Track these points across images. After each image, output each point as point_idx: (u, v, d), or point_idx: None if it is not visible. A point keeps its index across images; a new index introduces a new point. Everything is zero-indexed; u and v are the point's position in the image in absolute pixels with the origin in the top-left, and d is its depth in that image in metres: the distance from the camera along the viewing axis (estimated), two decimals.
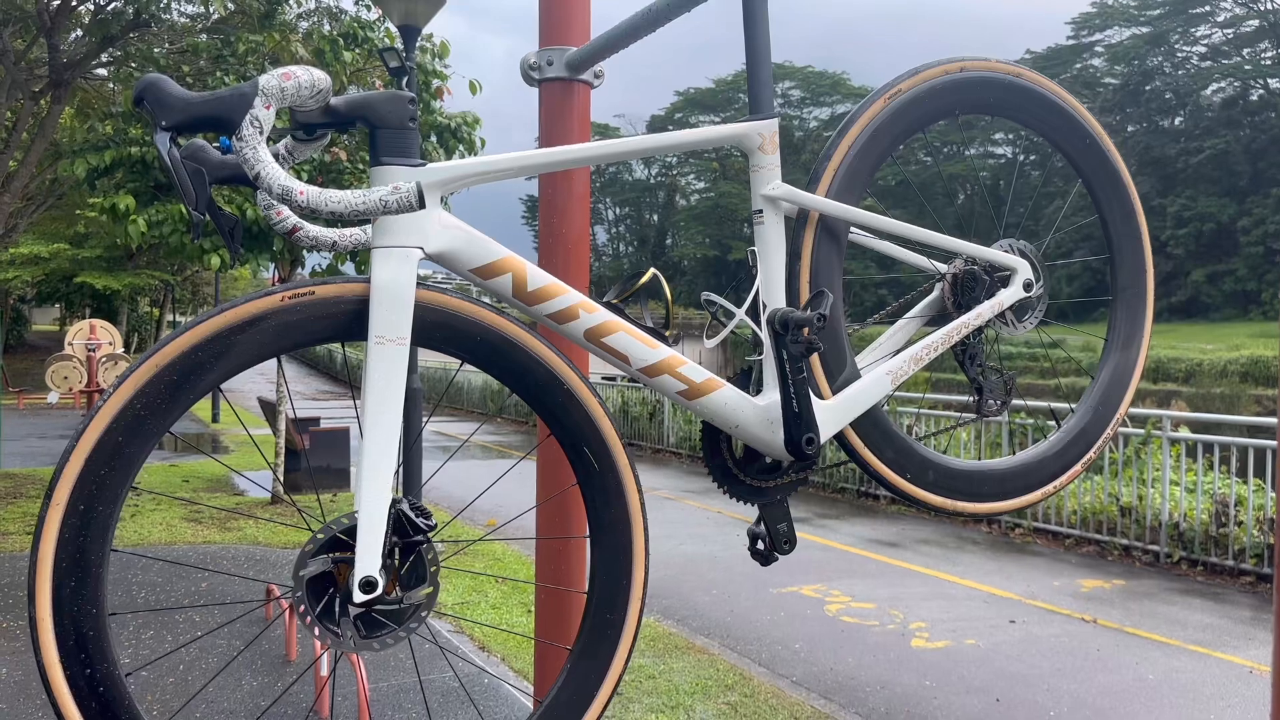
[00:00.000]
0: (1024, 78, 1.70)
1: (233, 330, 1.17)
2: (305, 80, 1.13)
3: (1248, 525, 7.51)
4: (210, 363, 1.16)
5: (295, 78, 1.12)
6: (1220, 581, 7.52)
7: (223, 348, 1.17)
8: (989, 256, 1.65)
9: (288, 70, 1.12)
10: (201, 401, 15.55)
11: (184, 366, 1.15)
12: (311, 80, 1.14)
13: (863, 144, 1.57)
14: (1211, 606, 6.90)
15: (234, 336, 1.17)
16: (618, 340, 1.37)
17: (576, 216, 1.91)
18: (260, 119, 1.10)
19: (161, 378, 1.15)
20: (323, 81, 1.15)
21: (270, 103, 1.11)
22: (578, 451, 1.35)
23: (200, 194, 1.12)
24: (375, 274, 1.24)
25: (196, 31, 10.74)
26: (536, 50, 1.90)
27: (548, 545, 1.99)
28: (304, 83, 1.13)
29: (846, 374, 1.56)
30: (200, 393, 1.18)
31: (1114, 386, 1.80)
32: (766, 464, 1.55)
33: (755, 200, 1.51)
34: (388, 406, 1.23)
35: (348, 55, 8.73)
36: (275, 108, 1.11)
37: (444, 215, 1.29)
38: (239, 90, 1.11)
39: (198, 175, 1.12)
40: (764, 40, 1.51)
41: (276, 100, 1.11)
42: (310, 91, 1.14)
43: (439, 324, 1.28)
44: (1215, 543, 7.71)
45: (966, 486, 1.67)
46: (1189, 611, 6.77)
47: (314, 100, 1.17)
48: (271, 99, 1.11)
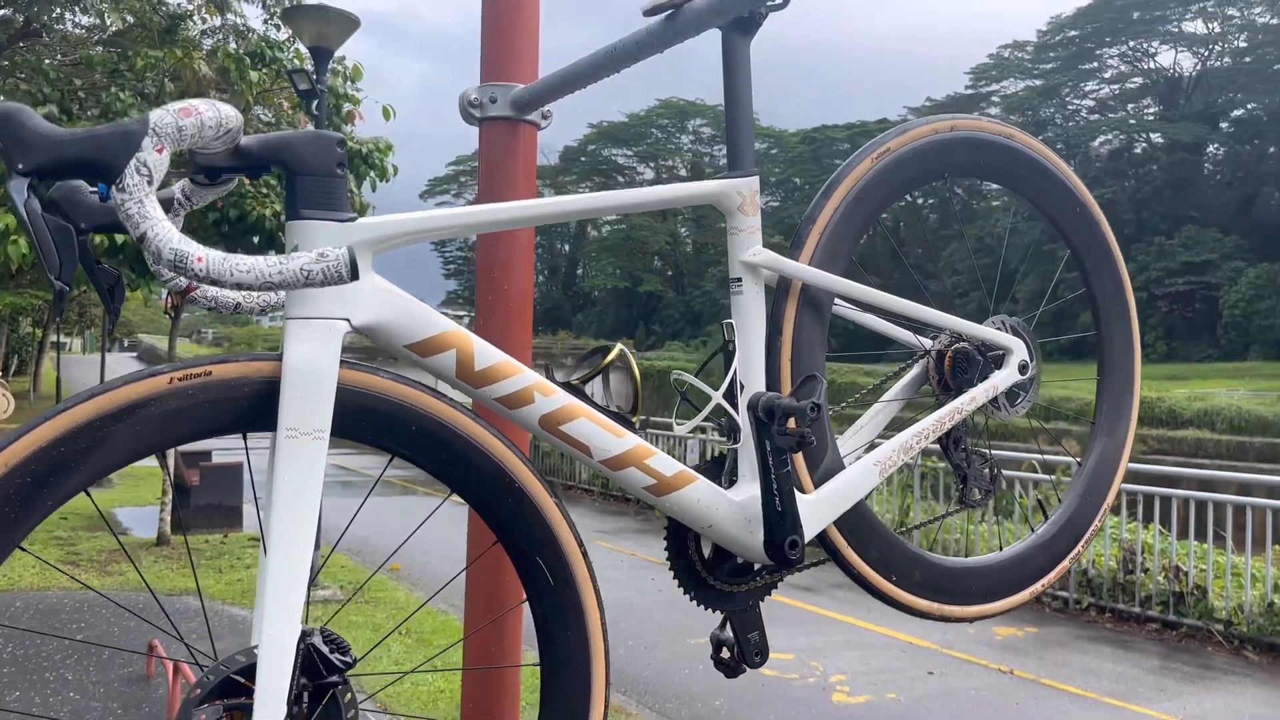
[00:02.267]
0: (1015, 139, 1.57)
1: (105, 421, 0.93)
2: (209, 118, 0.90)
3: (1153, 572, 7.63)
4: (74, 463, 0.92)
5: (197, 114, 0.89)
6: (1128, 629, 7.62)
7: (91, 443, 0.93)
8: (982, 335, 1.50)
9: (187, 105, 0.89)
10: None
11: (40, 468, 0.91)
12: (217, 118, 0.91)
13: (848, 207, 1.41)
14: (1122, 655, 6.96)
15: (106, 429, 0.93)
16: (579, 428, 1.17)
17: (520, 272, 1.70)
18: (149, 165, 0.87)
19: (9, 482, 0.90)
20: (231, 120, 0.93)
21: (164, 145, 0.88)
22: (528, 563, 1.14)
23: (66, 259, 0.88)
24: (289, 351, 1.01)
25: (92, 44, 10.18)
26: (478, 86, 1.70)
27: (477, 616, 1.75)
28: (207, 120, 0.90)
29: (829, 463, 1.38)
30: (60, 499, 0.94)
31: (1101, 473, 1.67)
32: (738, 565, 1.37)
33: (733, 266, 1.33)
34: (299, 517, 1.00)
35: (254, 75, 8.35)
36: (170, 150, 0.88)
37: (376, 279, 1.08)
38: (123, 129, 0.87)
39: (63, 235, 0.88)
40: (745, 91, 1.34)
41: (172, 142, 0.88)
42: (215, 131, 0.91)
43: (365, 411, 1.06)
44: (1123, 589, 7.82)
45: (953, 586, 1.51)
46: (1101, 660, 6.81)
47: (219, 141, 0.94)
48: (165, 140, 0.88)
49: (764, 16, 1.32)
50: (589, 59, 1.50)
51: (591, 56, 1.49)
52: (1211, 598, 7.31)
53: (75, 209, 1.07)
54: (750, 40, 1.33)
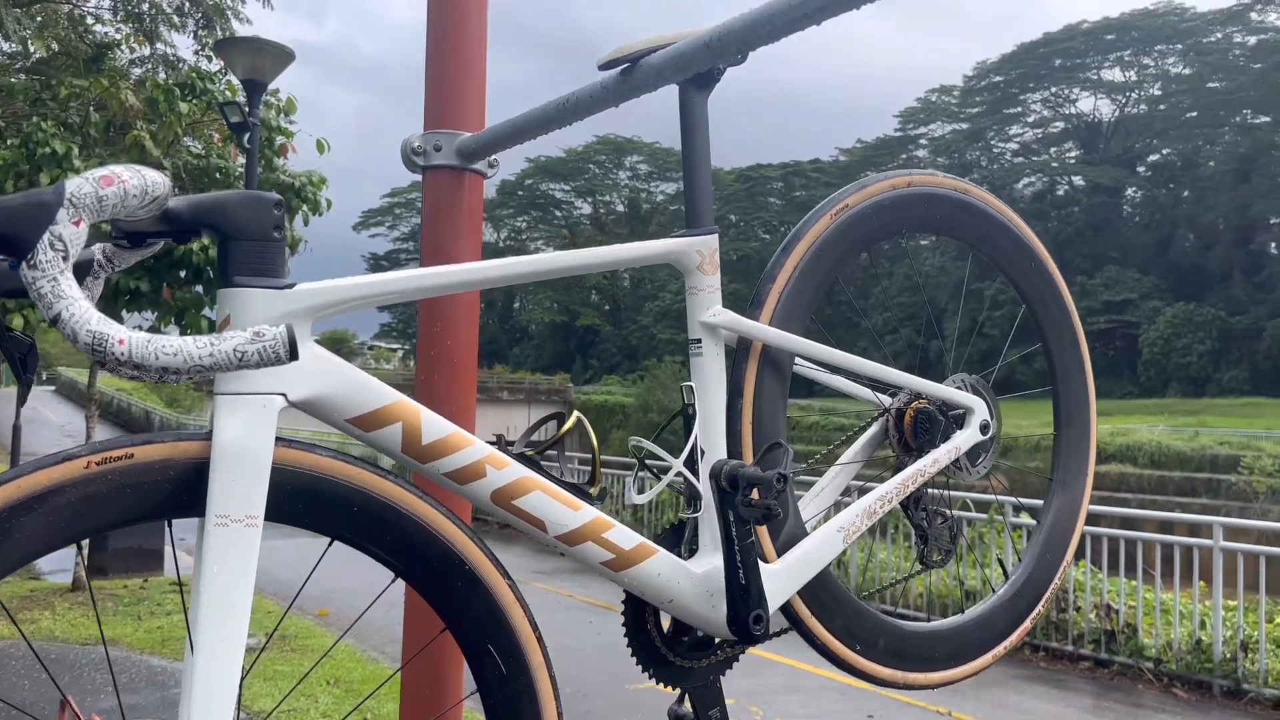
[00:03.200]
0: (971, 195, 1.55)
1: (14, 513, 0.84)
2: (133, 186, 0.82)
3: (1085, 610, 7.74)
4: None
5: (119, 183, 0.81)
6: (1061, 667, 7.70)
7: None
8: (944, 395, 1.47)
9: (108, 173, 0.81)
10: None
11: None
12: (142, 185, 0.82)
13: (807, 265, 1.37)
14: (1056, 695, 7.02)
15: (15, 521, 0.84)
16: (533, 502, 1.10)
17: (465, 328, 1.63)
18: (65, 240, 0.78)
19: None
20: (158, 186, 0.84)
21: (81, 217, 0.79)
22: (479, 652, 1.06)
23: None
24: (219, 431, 0.93)
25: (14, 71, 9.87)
26: (421, 133, 1.63)
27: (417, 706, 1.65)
28: (131, 189, 0.82)
29: (792, 530, 1.33)
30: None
31: (1059, 530, 1.65)
32: (699, 639, 1.30)
33: (693, 327, 1.28)
34: (230, 613, 0.91)
35: (184, 106, 8.15)
36: (89, 222, 0.80)
37: (317, 350, 1.00)
38: (36, 199, 0.79)
39: None
40: (703, 147, 1.30)
41: (91, 213, 0.80)
42: (140, 200, 0.83)
43: (303, 492, 0.97)
44: (1055, 628, 7.91)
45: (917, 652, 1.47)
46: (1037, 700, 6.86)
47: (145, 210, 0.86)
48: (84, 211, 0.79)
49: (722, 72, 1.29)
50: (540, 110, 1.45)
51: (543, 108, 1.44)
52: (1141, 635, 7.43)
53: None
54: (707, 96, 1.30)
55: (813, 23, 1.10)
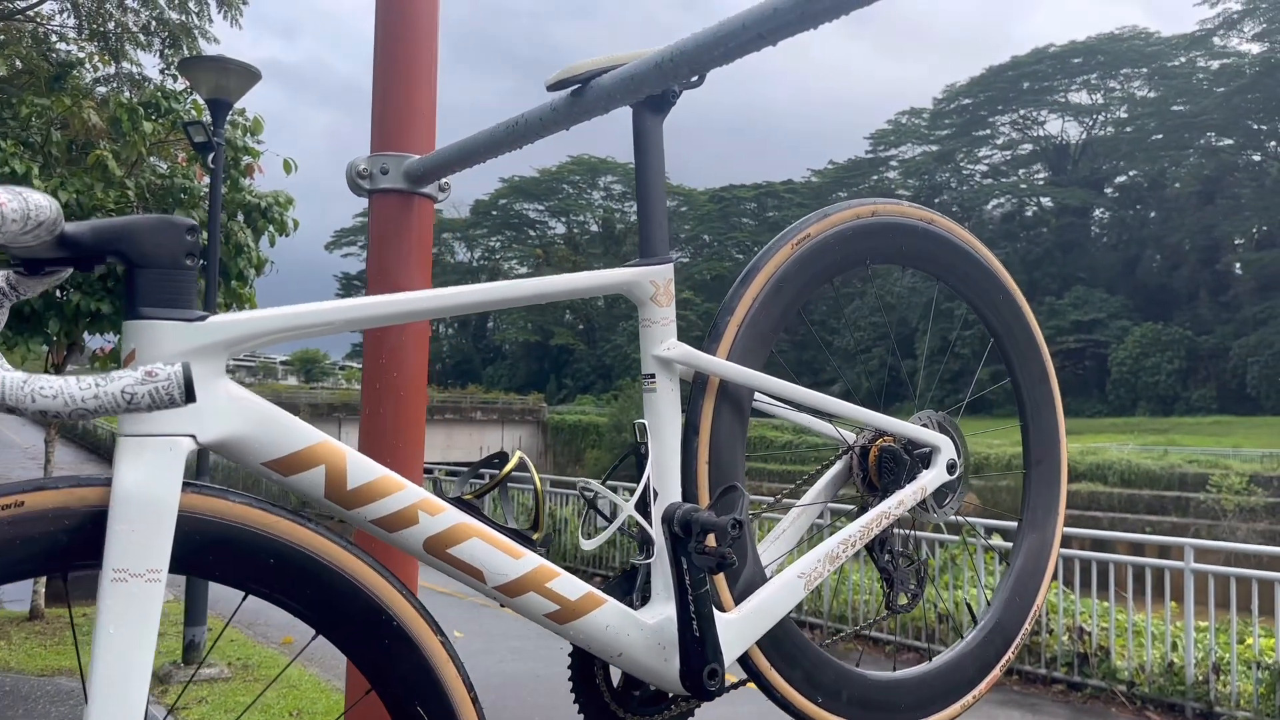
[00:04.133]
0: (937, 225, 1.50)
1: None
2: (12, 210, 0.74)
3: (1058, 633, 7.71)
4: None
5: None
6: (1035, 690, 7.66)
7: None
8: (909, 433, 1.41)
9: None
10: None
11: None
12: (22, 210, 0.75)
13: (767, 297, 1.31)
14: (1031, 718, 6.97)
15: None
16: (470, 550, 1.03)
17: (413, 359, 1.55)
18: None
19: None
20: (43, 211, 0.77)
21: None
22: (409, 714, 0.99)
23: None
24: (119, 476, 0.85)
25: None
26: (367, 155, 1.56)
27: None
28: (10, 213, 0.74)
29: (750, 576, 1.26)
30: None
31: (1029, 573, 1.59)
32: (650, 693, 1.23)
33: (646, 362, 1.21)
34: (128, 677, 0.83)
35: (148, 126, 8.03)
36: None
37: (231, 388, 0.92)
38: None
39: None
40: (658, 172, 1.24)
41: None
42: (21, 226, 0.76)
43: (213, 543, 0.90)
44: (1028, 650, 7.87)
45: (882, 702, 1.40)
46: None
47: (29, 235, 0.78)
48: None
49: (677, 95, 1.23)
50: (489, 133, 1.38)
51: (491, 131, 1.38)
52: (1114, 658, 7.41)
53: None
54: (663, 119, 1.23)
55: (768, 43, 1.05)
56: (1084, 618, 7.63)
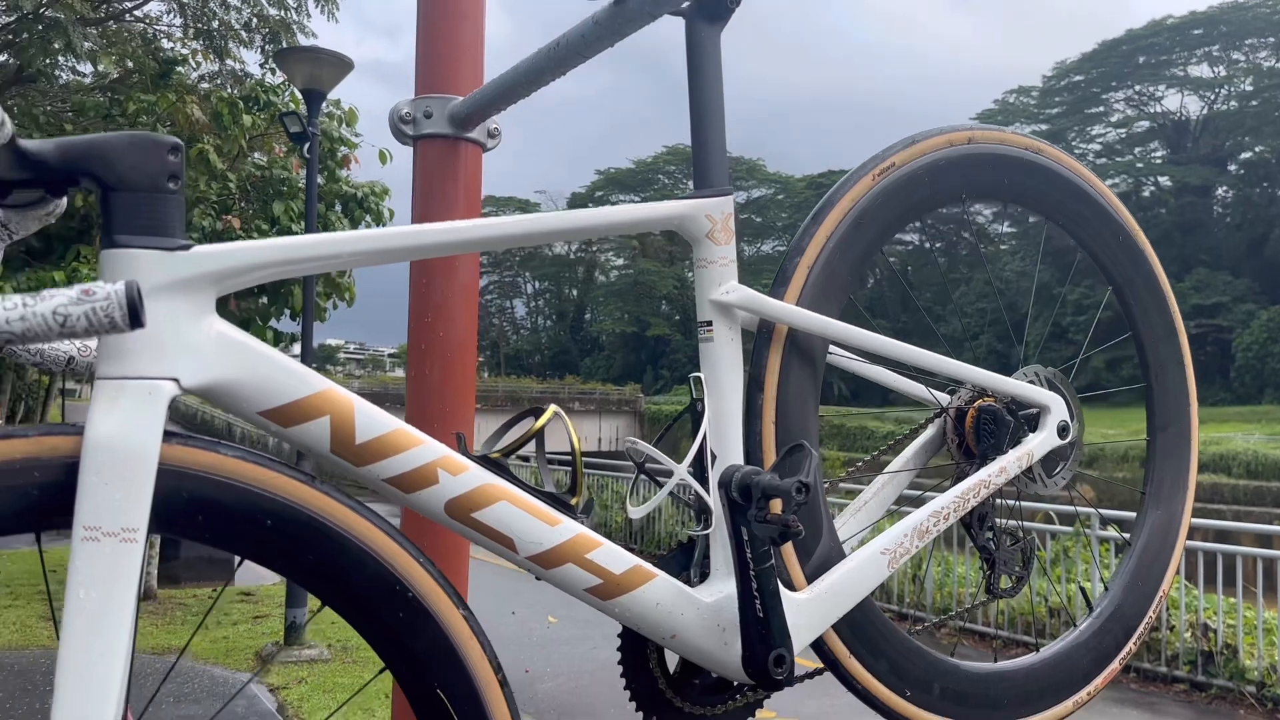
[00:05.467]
0: (1044, 154, 1.31)
1: None
2: None
3: (1180, 630, 7.26)
4: None
5: None
6: (1154, 690, 7.23)
7: None
8: (1013, 390, 1.23)
9: None
10: None
11: None
12: None
13: (844, 235, 1.15)
14: (1150, 719, 6.58)
15: None
16: (498, 515, 0.90)
17: (461, 314, 1.44)
18: None
19: None
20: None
21: None
22: (426, 696, 0.87)
23: None
24: (92, 423, 0.75)
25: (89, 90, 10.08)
26: (410, 99, 1.46)
27: None
28: None
29: (826, 551, 1.11)
30: None
31: (1154, 553, 1.39)
32: (712, 681, 1.09)
33: (702, 308, 1.07)
34: (100, 648, 0.73)
35: (248, 119, 8.21)
36: None
37: (220, 327, 0.82)
38: None
39: None
40: (715, 92, 1.08)
41: None
42: None
43: (199, 501, 0.79)
44: (1148, 648, 7.43)
45: (981, 698, 1.23)
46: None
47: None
48: None
49: (736, 2, 1.08)
50: (529, 61, 1.25)
51: (532, 58, 1.25)
52: (1242, 657, 6.93)
53: None
54: (720, 30, 1.08)
55: None
56: (1208, 614, 7.16)
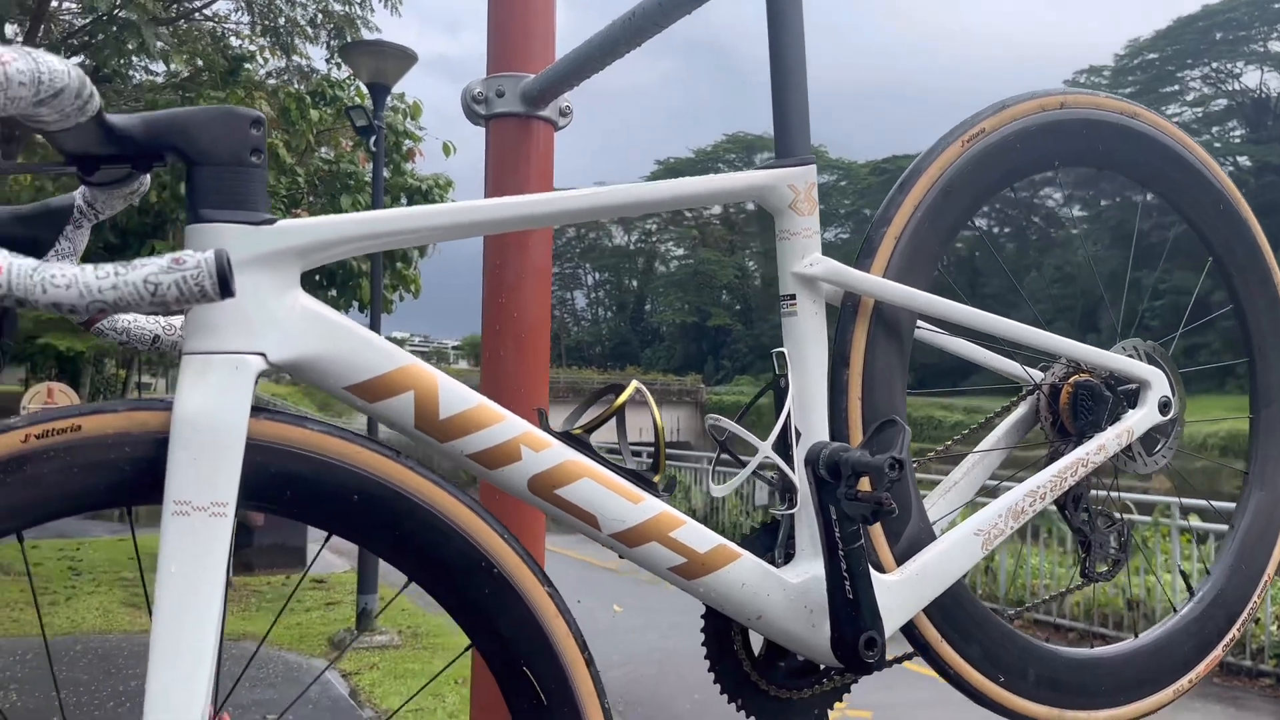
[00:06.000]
0: (1140, 119, 1.26)
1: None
2: (19, 70, 0.63)
3: (1265, 622, 7.02)
4: None
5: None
6: (1238, 684, 7.00)
7: None
8: (1112, 364, 1.18)
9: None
10: None
11: None
12: (33, 72, 0.64)
13: (933, 203, 1.11)
14: (1234, 715, 6.37)
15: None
16: (580, 492, 0.89)
17: (534, 295, 1.43)
18: None
19: None
20: (59, 76, 0.66)
21: None
22: (513, 673, 0.86)
23: None
24: (181, 398, 0.75)
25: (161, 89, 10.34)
26: (482, 79, 1.45)
27: None
28: (15, 74, 0.63)
29: (916, 533, 1.07)
30: None
31: (1257, 536, 1.33)
32: (799, 664, 1.06)
33: (785, 281, 1.04)
34: (193, 620, 0.74)
35: (315, 114, 8.34)
36: None
37: (305, 302, 0.81)
38: None
39: None
40: (797, 56, 1.05)
41: None
42: (32, 90, 0.64)
43: (286, 476, 0.79)
44: None
45: (1077, 685, 1.18)
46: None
47: (50, 110, 0.68)
48: None
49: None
50: (603, 34, 1.23)
51: (606, 30, 1.23)
52: None
53: None
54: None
55: None
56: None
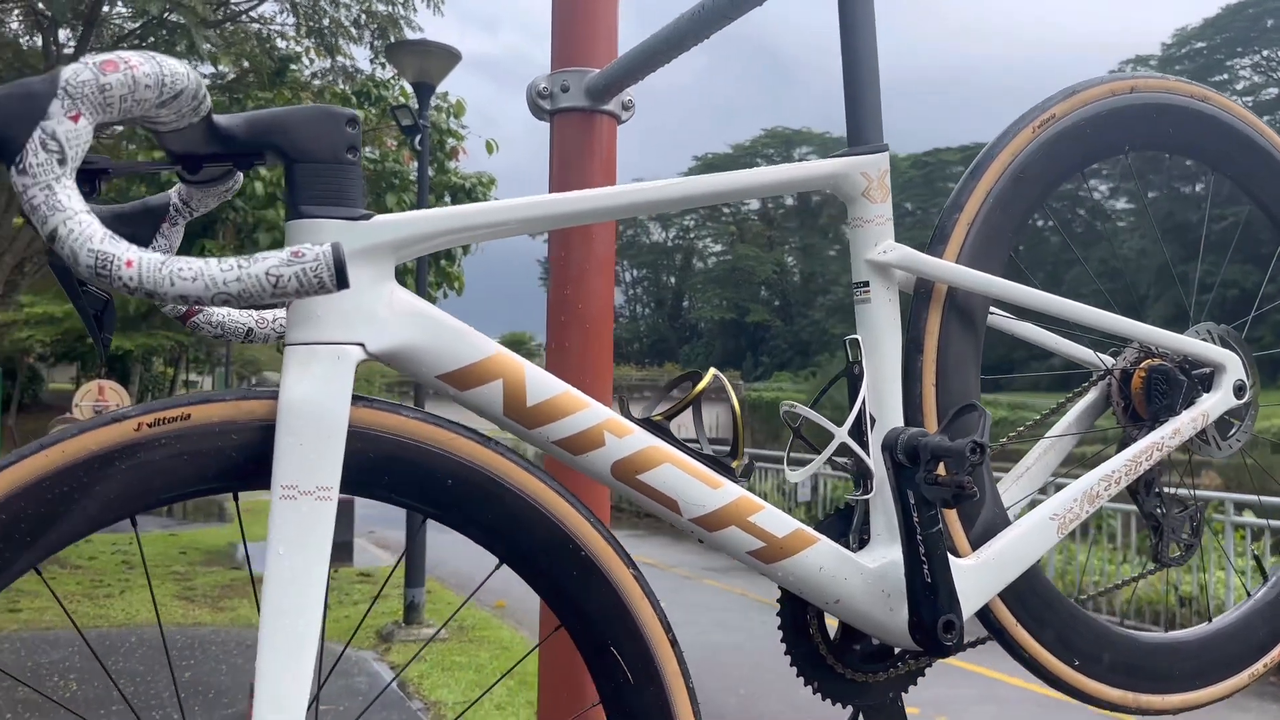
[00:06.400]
0: (1211, 103, 1.25)
1: (54, 482, 0.72)
2: (145, 73, 0.67)
3: None
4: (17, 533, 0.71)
5: (125, 68, 0.66)
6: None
7: (36, 510, 0.71)
8: (1186, 348, 1.17)
9: (113, 57, 0.67)
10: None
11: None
12: (157, 74, 0.68)
13: (1004, 189, 1.11)
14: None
15: (55, 492, 0.72)
16: (662, 477, 0.91)
17: (598, 287, 1.45)
18: (60, 138, 0.65)
19: None
20: (180, 79, 0.70)
21: (80, 110, 0.65)
22: (600, 653, 0.88)
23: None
24: (286, 387, 0.78)
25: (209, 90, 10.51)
26: (547, 74, 1.47)
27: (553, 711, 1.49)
28: (141, 77, 0.67)
29: (991, 518, 1.08)
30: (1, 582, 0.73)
31: None
32: (874, 648, 1.07)
33: (858, 267, 1.05)
34: (299, 600, 0.76)
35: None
36: (91, 119, 0.66)
37: (399, 294, 0.84)
38: (24, 90, 0.65)
39: None
40: (868, 45, 1.06)
41: (92, 107, 0.66)
42: (156, 92, 0.68)
43: (386, 461, 0.82)
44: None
45: (1151, 669, 1.18)
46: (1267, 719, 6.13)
47: (169, 111, 0.71)
48: (83, 104, 0.65)
49: None
50: (671, 27, 1.25)
51: (674, 24, 1.24)
52: None
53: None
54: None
55: None
56: None
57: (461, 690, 6.30)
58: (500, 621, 8.31)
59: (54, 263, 0.89)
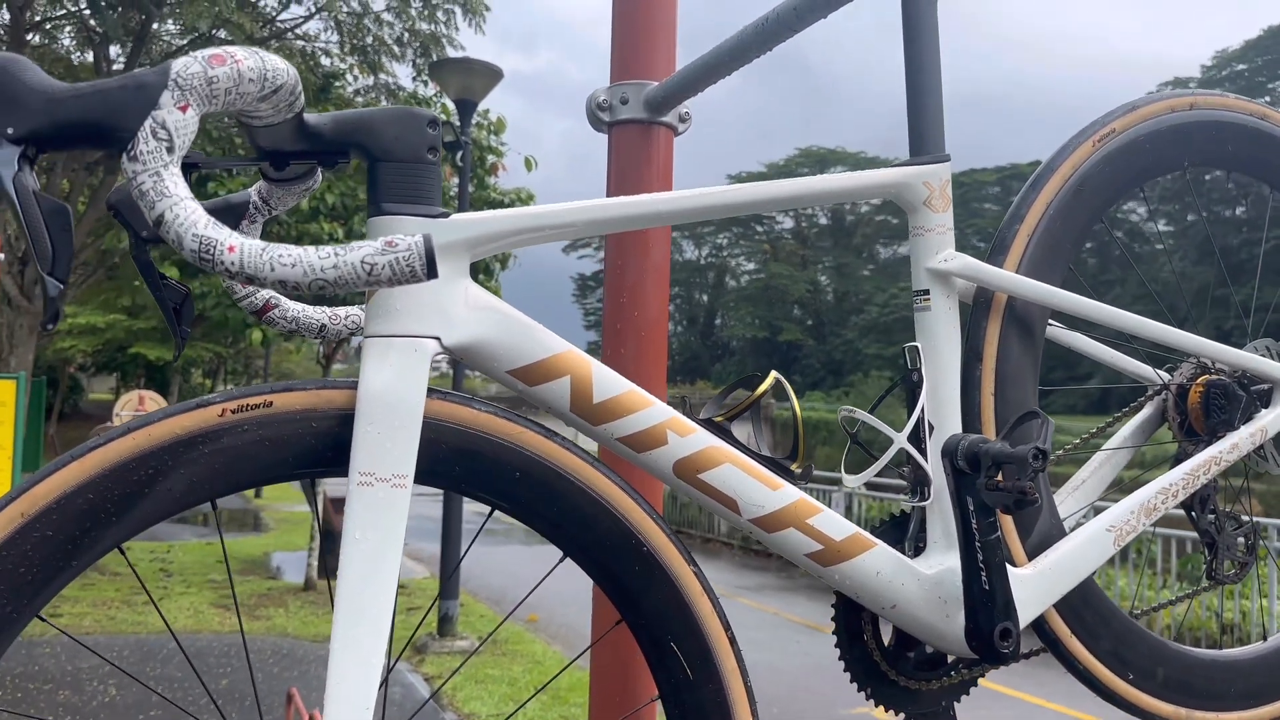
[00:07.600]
0: (1270, 120, 1.25)
1: (144, 462, 0.75)
2: (249, 67, 0.71)
3: None
4: (106, 513, 0.74)
5: (232, 62, 0.70)
6: None
7: (127, 489, 0.74)
8: (1245, 363, 1.17)
9: (220, 51, 0.70)
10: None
11: (65, 519, 0.73)
12: (260, 69, 0.71)
13: (1064, 201, 1.12)
14: None
15: (145, 472, 0.75)
16: (723, 477, 0.92)
17: (653, 294, 1.47)
18: (170, 127, 0.68)
19: (28, 536, 0.72)
20: (280, 74, 0.73)
21: (188, 101, 0.69)
22: (660, 648, 0.89)
23: (61, 251, 0.69)
24: (366, 377, 0.81)
25: None
26: (607, 86, 1.49)
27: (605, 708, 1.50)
28: (246, 71, 0.71)
29: (1047, 528, 1.08)
30: (89, 558, 0.75)
31: None
32: (928, 655, 1.08)
33: (919, 276, 1.06)
34: (374, 584, 0.79)
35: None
36: (198, 109, 0.70)
37: (474, 290, 0.87)
38: (136, 82, 0.69)
39: (58, 217, 0.69)
40: (932, 55, 1.08)
41: (200, 98, 0.69)
42: (258, 86, 0.72)
43: (458, 452, 0.84)
44: None
45: (1207, 686, 1.17)
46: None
47: (268, 104, 0.75)
48: (191, 95, 0.69)
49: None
50: (734, 40, 1.27)
51: (738, 37, 1.26)
52: None
53: (136, 214, 0.91)
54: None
55: None
56: None
57: (495, 703, 6.30)
58: (534, 636, 8.32)
59: (138, 256, 0.93)
